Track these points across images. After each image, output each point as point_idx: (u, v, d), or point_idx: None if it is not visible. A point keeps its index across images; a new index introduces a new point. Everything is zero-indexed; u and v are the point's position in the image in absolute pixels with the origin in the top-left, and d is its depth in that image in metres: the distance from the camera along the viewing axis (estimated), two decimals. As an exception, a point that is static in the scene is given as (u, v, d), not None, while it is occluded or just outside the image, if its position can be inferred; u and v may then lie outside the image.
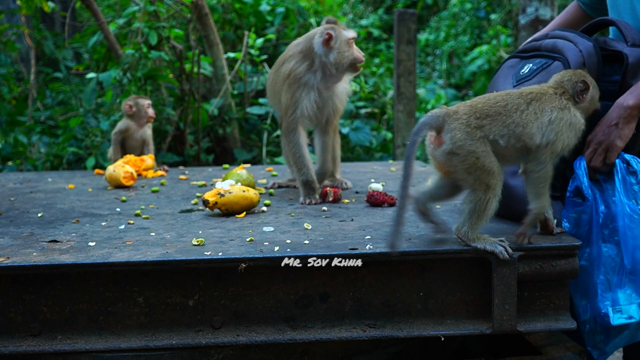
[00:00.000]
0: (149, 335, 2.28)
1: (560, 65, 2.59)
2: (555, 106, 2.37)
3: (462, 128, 2.29)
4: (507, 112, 2.33)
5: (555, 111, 2.36)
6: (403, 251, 2.30)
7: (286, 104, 3.22)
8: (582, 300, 2.45)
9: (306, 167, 3.22)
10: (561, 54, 2.61)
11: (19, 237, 2.60)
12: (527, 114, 2.33)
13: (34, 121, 7.23)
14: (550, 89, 2.43)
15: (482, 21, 11.98)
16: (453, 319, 2.35)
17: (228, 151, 6.31)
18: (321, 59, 3.17)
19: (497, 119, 2.32)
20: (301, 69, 3.19)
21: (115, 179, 3.63)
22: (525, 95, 2.38)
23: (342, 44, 3.15)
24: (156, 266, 2.26)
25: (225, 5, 7.55)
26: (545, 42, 2.72)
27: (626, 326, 2.34)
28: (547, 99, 2.38)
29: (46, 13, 9.44)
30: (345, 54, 3.15)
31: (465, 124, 2.30)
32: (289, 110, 3.21)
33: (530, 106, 2.35)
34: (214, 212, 2.95)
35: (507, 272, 2.30)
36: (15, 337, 2.26)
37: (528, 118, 2.33)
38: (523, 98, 2.37)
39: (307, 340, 2.30)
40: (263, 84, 6.64)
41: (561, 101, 2.39)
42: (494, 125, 2.31)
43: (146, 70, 5.37)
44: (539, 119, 2.33)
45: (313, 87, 3.20)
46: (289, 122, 3.22)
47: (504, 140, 2.31)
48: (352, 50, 3.17)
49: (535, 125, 2.33)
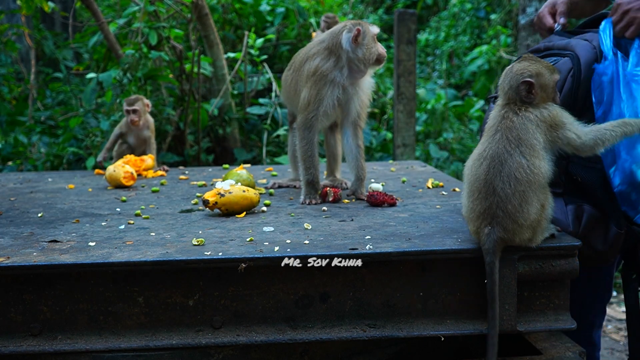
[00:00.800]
0: (149, 335, 2.28)
1: (568, 61, 2.58)
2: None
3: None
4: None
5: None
6: (403, 251, 2.30)
7: (307, 100, 3.19)
8: (611, 167, 2.45)
9: (314, 166, 3.21)
10: (572, 51, 2.61)
11: (19, 237, 2.60)
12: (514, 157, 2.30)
13: (34, 121, 7.24)
14: (504, 108, 2.38)
15: (482, 21, 11.98)
16: (453, 319, 2.35)
17: (228, 151, 6.31)
18: (348, 55, 3.16)
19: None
20: (327, 65, 3.17)
21: (116, 179, 3.63)
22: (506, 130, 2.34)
23: (369, 40, 3.16)
24: (156, 266, 2.26)
25: (225, 5, 7.56)
26: (559, 42, 2.72)
27: None
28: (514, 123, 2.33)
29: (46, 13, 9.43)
30: (372, 50, 3.15)
31: None
32: (311, 107, 3.18)
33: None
34: (214, 212, 2.95)
35: (507, 272, 2.30)
36: (15, 337, 2.26)
37: (519, 161, 2.30)
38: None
39: (307, 340, 2.29)
40: (263, 84, 6.65)
41: (518, 118, 2.33)
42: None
43: (146, 70, 5.37)
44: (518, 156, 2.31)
45: (338, 84, 3.19)
46: (308, 118, 3.19)
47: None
48: (377, 45, 3.18)
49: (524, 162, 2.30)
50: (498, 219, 2.27)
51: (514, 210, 2.27)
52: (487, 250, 2.27)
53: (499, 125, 2.35)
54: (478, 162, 2.36)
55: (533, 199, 2.28)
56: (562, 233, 2.46)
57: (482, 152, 2.37)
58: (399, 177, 3.78)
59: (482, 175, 2.34)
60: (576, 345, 2.53)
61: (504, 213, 2.27)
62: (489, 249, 2.26)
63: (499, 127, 2.35)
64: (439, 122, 8.23)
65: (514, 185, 2.27)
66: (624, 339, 4.79)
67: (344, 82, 3.20)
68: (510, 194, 2.27)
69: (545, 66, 2.41)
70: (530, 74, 2.36)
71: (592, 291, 2.93)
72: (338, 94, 3.20)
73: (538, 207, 2.30)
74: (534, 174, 2.28)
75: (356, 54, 3.15)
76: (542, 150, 2.31)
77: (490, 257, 2.26)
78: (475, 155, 2.40)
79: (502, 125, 2.34)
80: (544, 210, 2.33)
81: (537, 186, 2.29)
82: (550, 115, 2.34)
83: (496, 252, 2.27)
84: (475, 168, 2.37)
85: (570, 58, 2.58)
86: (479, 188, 2.34)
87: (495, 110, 2.42)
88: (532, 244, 2.32)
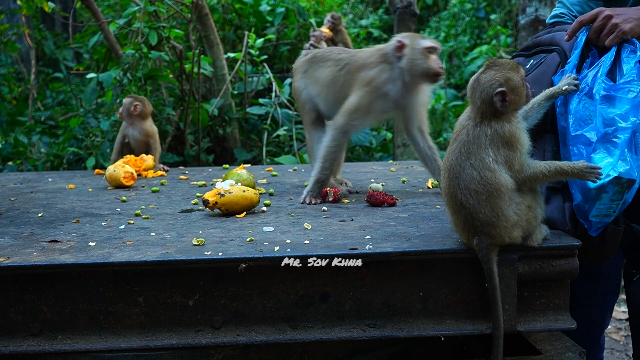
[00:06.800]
0: (149, 335, 2.28)
1: (555, 55, 2.58)
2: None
3: None
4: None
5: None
6: (403, 251, 2.30)
7: (356, 107, 3.18)
8: (573, 185, 2.46)
9: (330, 168, 3.21)
10: (558, 45, 2.61)
11: (20, 237, 2.60)
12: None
13: (34, 121, 7.25)
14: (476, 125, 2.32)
15: (482, 21, 11.98)
16: (453, 319, 2.35)
17: (228, 151, 6.32)
18: (395, 65, 3.16)
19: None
20: (383, 78, 3.17)
21: (116, 179, 3.64)
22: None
23: (417, 53, 3.12)
24: (156, 266, 2.26)
25: (225, 5, 7.57)
26: (545, 37, 2.72)
27: (603, 188, 2.33)
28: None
29: (46, 13, 9.44)
30: (417, 62, 3.12)
31: None
32: (357, 114, 3.17)
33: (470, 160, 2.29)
34: (214, 212, 2.95)
35: (506, 272, 2.30)
36: (15, 337, 2.26)
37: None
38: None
39: (307, 340, 2.29)
40: (263, 84, 6.65)
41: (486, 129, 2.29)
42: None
43: (146, 70, 5.37)
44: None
45: (390, 99, 3.18)
46: (350, 123, 3.19)
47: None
48: (429, 60, 3.12)
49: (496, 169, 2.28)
50: (478, 228, 2.26)
51: (487, 219, 2.25)
52: (482, 258, 2.27)
53: (458, 135, 2.34)
54: (443, 173, 2.38)
55: (503, 205, 2.25)
56: (561, 233, 2.46)
57: (444, 164, 2.38)
58: (399, 177, 3.78)
59: (445, 189, 2.35)
60: (576, 345, 2.53)
61: (481, 222, 2.26)
62: (484, 257, 2.27)
63: (457, 136, 2.34)
64: (439, 122, 8.24)
65: (475, 196, 2.25)
66: (624, 338, 4.79)
67: (396, 95, 3.19)
68: (476, 205, 2.25)
69: (510, 67, 2.35)
70: (500, 83, 2.30)
71: (595, 291, 2.93)
72: (387, 107, 3.20)
73: (517, 209, 2.27)
74: (489, 184, 2.24)
75: (401, 66, 3.14)
76: (493, 163, 2.26)
77: (487, 264, 2.26)
78: (443, 166, 2.41)
79: (459, 136, 2.33)
80: (532, 209, 2.31)
81: (502, 193, 2.25)
82: (510, 132, 2.29)
83: (491, 258, 2.27)
84: (442, 180, 2.39)
85: (557, 52, 2.58)
86: (449, 202, 2.34)
87: (463, 117, 2.40)
88: (532, 242, 2.32)
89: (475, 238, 2.27)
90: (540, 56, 2.68)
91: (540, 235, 2.35)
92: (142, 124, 4.27)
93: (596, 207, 2.38)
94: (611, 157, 2.34)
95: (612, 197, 2.35)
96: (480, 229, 2.26)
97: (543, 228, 2.38)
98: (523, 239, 2.31)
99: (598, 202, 2.37)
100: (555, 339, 2.59)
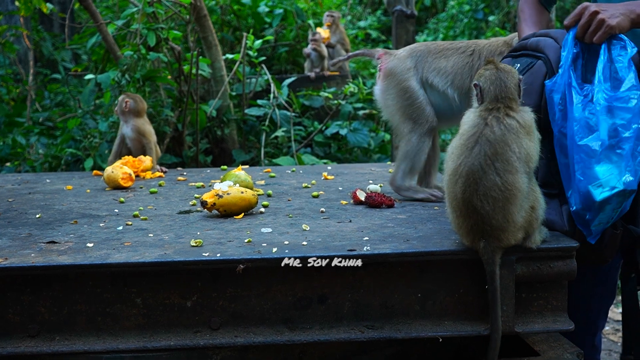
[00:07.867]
0: (147, 336, 2.28)
1: (542, 64, 2.58)
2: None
3: None
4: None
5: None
6: (401, 252, 2.30)
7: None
8: (569, 191, 2.43)
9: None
10: (543, 52, 2.60)
11: (17, 238, 2.59)
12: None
13: (33, 122, 7.23)
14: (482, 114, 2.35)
15: (480, 23, 11.99)
16: (451, 320, 2.35)
17: (226, 152, 6.31)
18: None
19: None
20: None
21: (114, 180, 3.63)
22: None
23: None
24: (154, 267, 2.26)
25: (223, 6, 7.57)
26: (531, 41, 2.71)
27: (608, 201, 2.31)
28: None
29: (45, 14, 9.44)
30: None
31: None
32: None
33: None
34: (212, 213, 2.95)
35: (504, 273, 2.30)
36: (13, 338, 2.26)
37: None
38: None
39: (306, 341, 2.29)
40: (261, 85, 6.64)
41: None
42: None
43: (145, 71, 5.37)
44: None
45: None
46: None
47: None
48: None
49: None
50: (487, 232, 2.26)
51: (499, 224, 2.25)
52: (487, 261, 2.27)
53: (479, 137, 2.29)
54: (454, 178, 2.32)
55: (515, 210, 2.26)
56: (559, 234, 2.46)
57: (456, 168, 2.31)
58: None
59: (459, 194, 2.31)
60: (574, 346, 2.53)
61: (491, 227, 2.25)
62: (489, 260, 2.26)
63: (479, 138, 2.28)
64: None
65: (492, 203, 2.25)
66: (621, 340, 4.79)
67: None
68: (491, 211, 2.25)
69: (490, 76, 2.40)
70: (486, 78, 2.38)
71: (594, 293, 2.93)
72: None
73: (524, 213, 2.28)
74: (508, 191, 2.24)
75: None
76: (517, 162, 2.25)
77: (491, 267, 2.26)
78: (450, 169, 2.34)
79: (482, 138, 2.28)
80: (534, 210, 2.32)
81: (517, 198, 2.25)
82: (531, 119, 2.32)
83: (496, 260, 2.27)
84: (452, 185, 2.33)
85: (544, 61, 2.57)
86: (459, 206, 2.32)
87: (474, 116, 2.36)
88: (531, 244, 2.32)
89: (482, 241, 2.27)
90: (526, 60, 2.66)
91: (539, 237, 2.35)
92: (134, 121, 4.25)
93: (599, 217, 2.38)
94: (616, 169, 2.33)
95: (614, 207, 2.35)
96: (489, 233, 2.26)
97: (543, 230, 2.39)
98: (523, 239, 2.32)
99: (601, 213, 2.37)
100: (553, 340, 2.59)
